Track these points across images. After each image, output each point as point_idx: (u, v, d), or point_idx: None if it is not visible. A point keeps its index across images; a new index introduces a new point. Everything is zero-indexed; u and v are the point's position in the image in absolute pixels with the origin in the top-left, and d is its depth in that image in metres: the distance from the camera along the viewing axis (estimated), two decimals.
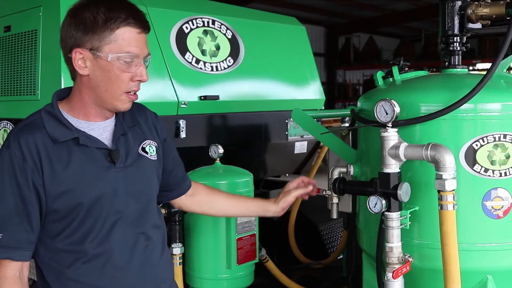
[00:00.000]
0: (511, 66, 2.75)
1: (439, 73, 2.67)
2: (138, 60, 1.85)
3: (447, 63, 2.62)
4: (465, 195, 2.23)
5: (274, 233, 4.23)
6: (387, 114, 2.16)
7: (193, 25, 3.77)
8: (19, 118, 3.47)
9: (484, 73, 2.23)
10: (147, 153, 2.01)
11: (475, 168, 2.24)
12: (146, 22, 1.87)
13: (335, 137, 2.74)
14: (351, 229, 3.33)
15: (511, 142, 2.23)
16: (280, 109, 4.21)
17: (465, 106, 2.20)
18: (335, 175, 2.57)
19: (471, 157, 2.23)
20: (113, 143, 1.92)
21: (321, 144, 4.28)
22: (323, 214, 3.88)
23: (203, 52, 3.77)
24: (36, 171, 1.81)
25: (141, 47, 1.86)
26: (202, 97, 3.68)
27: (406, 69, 2.61)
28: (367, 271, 2.68)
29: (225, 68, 3.89)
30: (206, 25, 3.85)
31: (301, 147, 4.50)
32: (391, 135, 2.18)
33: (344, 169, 2.59)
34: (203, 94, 3.69)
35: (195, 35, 3.76)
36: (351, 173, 2.57)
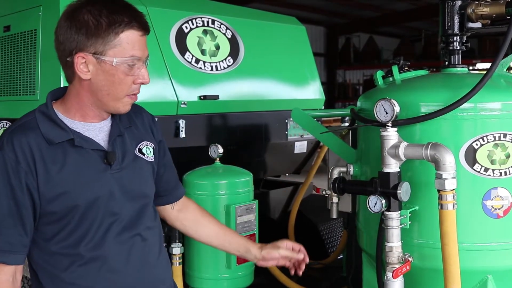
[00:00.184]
0: (511, 65, 2.74)
1: (439, 72, 2.67)
2: (140, 62, 1.83)
3: (447, 63, 2.62)
4: (465, 194, 2.23)
5: (274, 233, 4.22)
6: (387, 113, 2.16)
7: (192, 24, 3.76)
8: (18, 118, 3.46)
9: (484, 72, 2.22)
10: (144, 154, 1.98)
11: (475, 167, 2.23)
12: (147, 24, 1.85)
13: (335, 137, 2.74)
14: (351, 229, 3.33)
15: (511, 142, 2.23)
16: (280, 109, 4.20)
17: (465, 106, 2.20)
18: (335, 174, 2.57)
19: (471, 157, 2.23)
20: (109, 144, 1.88)
21: (321, 144, 4.28)
22: (323, 214, 3.88)
23: (202, 52, 3.76)
24: (30, 173, 1.77)
25: (143, 50, 1.83)
26: (202, 97, 3.68)
27: (406, 68, 2.61)
28: (367, 271, 2.68)
29: (224, 68, 3.88)
30: (205, 24, 3.84)
31: (301, 147, 4.49)
32: (391, 135, 2.18)
33: (344, 169, 2.59)
34: (202, 94, 3.69)
35: (194, 34, 3.76)
36: (351, 172, 2.57)
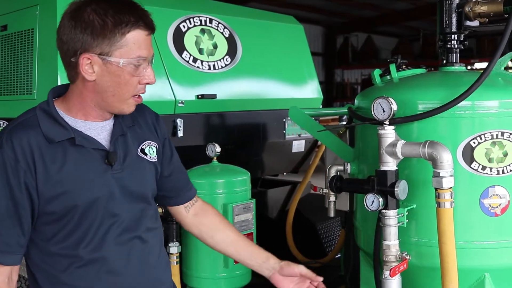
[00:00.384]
0: (508, 64, 2.74)
1: (436, 71, 2.67)
2: (145, 62, 1.79)
3: (444, 61, 2.62)
4: (462, 193, 2.22)
5: (272, 232, 4.22)
6: (384, 111, 2.15)
7: (190, 23, 3.76)
8: (18, 116, 3.45)
9: (482, 71, 2.22)
10: (146, 154, 1.95)
11: (472, 165, 2.23)
12: (153, 23, 1.81)
13: (332, 135, 2.73)
14: (348, 228, 3.32)
15: (508, 140, 2.23)
16: (277, 108, 4.20)
17: (462, 104, 2.20)
18: (332, 173, 2.56)
19: (469, 155, 2.23)
20: (111, 144, 1.85)
21: (319, 143, 4.28)
22: (321, 213, 3.88)
23: (200, 51, 3.76)
24: (29, 172, 1.74)
25: (149, 49, 1.79)
26: (199, 96, 3.67)
27: (404, 67, 2.60)
28: (364, 269, 2.68)
29: (222, 67, 3.88)
30: (203, 23, 3.84)
31: (298, 146, 4.49)
32: (388, 133, 2.17)
33: (341, 167, 2.58)
34: (200, 93, 3.68)
35: (192, 34, 3.75)
36: (348, 171, 2.57)
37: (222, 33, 3.93)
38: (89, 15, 1.71)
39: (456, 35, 2.56)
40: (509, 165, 2.24)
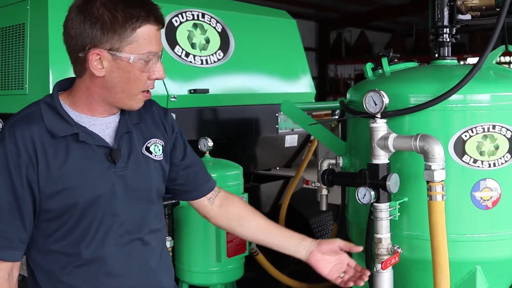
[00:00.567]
0: (502, 60, 2.74)
1: (428, 64, 2.67)
2: (155, 57, 1.75)
3: (436, 55, 2.62)
4: (454, 186, 2.23)
5: None
6: (376, 105, 2.15)
7: (182, 18, 3.75)
8: (7, 113, 3.45)
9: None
10: (151, 153, 1.88)
11: (464, 159, 2.23)
12: (163, 17, 1.75)
13: (324, 129, 2.73)
14: (341, 222, 3.32)
15: (500, 133, 2.23)
16: (270, 103, 4.20)
17: (454, 97, 2.20)
18: (324, 166, 2.55)
19: (460, 148, 2.23)
20: (115, 141, 1.79)
21: (312, 137, 4.28)
22: (313, 207, 3.88)
23: (192, 46, 3.75)
24: (31, 167, 1.69)
25: (159, 44, 1.75)
26: (192, 91, 3.67)
27: (396, 60, 2.61)
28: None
29: (215, 62, 3.87)
30: (195, 18, 3.83)
31: (291, 141, 4.49)
32: (380, 126, 2.17)
33: (333, 161, 2.58)
34: (192, 87, 3.68)
35: (184, 28, 3.74)
36: (340, 164, 2.57)
37: (214, 27, 3.92)
38: (98, 9, 1.65)
39: (448, 29, 2.56)
40: (500, 158, 2.25)
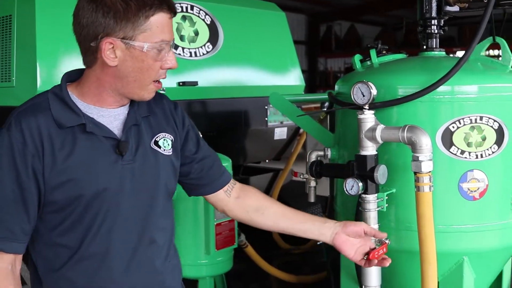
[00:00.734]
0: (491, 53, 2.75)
1: (416, 56, 2.67)
2: (167, 46, 1.72)
3: (424, 46, 2.62)
4: (441, 177, 2.23)
5: None
6: (363, 96, 2.15)
7: None
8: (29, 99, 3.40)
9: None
10: (160, 147, 1.83)
11: (451, 150, 2.24)
12: (175, 5, 1.73)
13: (313, 121, 2.73)
14: (329, 214, 3.33)
15: (487, 124, 2.24)
16: (259, 95, 4.19)
17: (442, 88, 2.20)
18: (313, 158, 2.55)
19: (448, 139, 2.24)
20: (123, 133, 1.75)
21: (301, 130, 4.28)
22: (303, 200, 3.89)
23: (181, 38, 3.73)
24: (37, 157, 1.65)
25: (171, 33, 1.71)
26: (181, 83, 3.65)
27: (384, 52, 2.60)
28: None
29: (204, 54, 3.86)
30: (184, 10, 3.81)
31: (281, 133, 4.49)
32: (368, 117, 2.17)
33: (321, 153, 2.58)
34: (181, 80, 3.67)
35: (173, 20, 3.72)
36: (329, 156, 2.57)
37: (203, 19, 3.91)
38: None
39: (436, 21, 2.56)
40: (487, 149, 2.25)
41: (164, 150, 1.84)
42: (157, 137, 1.83)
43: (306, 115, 2.69)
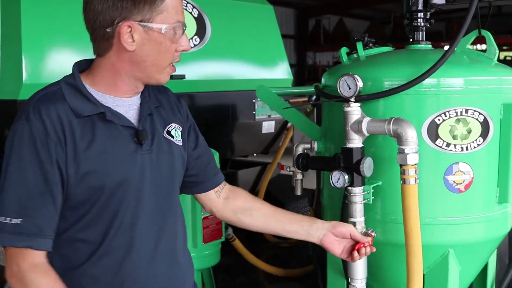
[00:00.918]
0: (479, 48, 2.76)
1: (403, 49, 2.67)
2: (181, 29, 1.69)
3: (411, 39, 2.63)
4: (427, 169, 2.24)
5: None
6: (350, 88, 2.15)
7: None
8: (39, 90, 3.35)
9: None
10: (173, 137, 1.82)
11: (437, 142, 2.25)
12: None
13: (299, 114, 2.73)
14: (317, 207, 3.34)
15: (472, 117, 2.25)
16: (247, 89, 4.18)
17: (428, 81, 2.21)
18: (299, 151, 2.55)
19: (434, 132, 2.24)
20: (140, 122, 1.73)
21: (289, 124, 4.28)
22: (290, 194, 3.90)
23: None
24: (60, 146, 1.59)
25: (183, 14, 1.71)
26: None
27: (371, 45, 2.61)
28: None
29: (191, 47, 3.84)
30: None
31: (268, 127, 4.49)
32: (354, 110, 2.17)
33: (308, 145, 2.58)
34: None
35: None
36: (315, 149, 2.56)
37: (191, 12, 3.89)
38: None
39: (422, 13, 2.57)
40: (473, 142, 2.26)
41: (177, 140, 1.84)
42: (169, 127, 1.82)
43: (292, 107, 2.69)
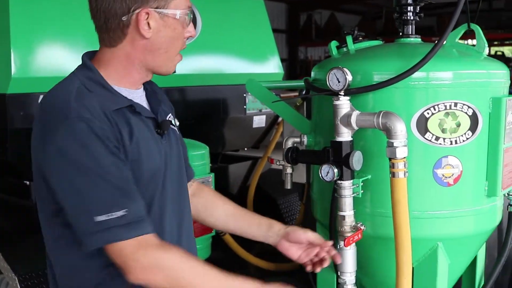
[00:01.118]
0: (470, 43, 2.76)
1: (392, 42, 2.67)
2: (190, 14, 1.72)
3: (400, 33, 2.63)
4: (416, 163, 2.24)
5: None
6: (339, 82, 2.15)
7: None
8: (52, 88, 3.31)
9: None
10: (174, 126, 1.87)
11: (426, 136, 2.25)
12: None
13: (289, 107, 2.72)
14: (307, 201, 3.34)
15: (461, 110, 2.25)
16: (237, 83, 4.17)
17: (417, 75, 2.21)
18: (289, 145, 2.55)
19: (423, 125, 2.24)
20: (158, 113, 1.76)
21: (280, 119, 4.27)
22: (281, 188, 3.90)
23: None
24: (114, 136, 1.58)
25: (189, 1, 1.73)
26: None
27: (360, 38, 2.60)
28: None
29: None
30: None
31: (259, 121, 4.48)
32: (343, 103, 2.17)
33: (298, 139, 2.57)
34: None
35: None
36: (305, 143, 2.56)
37: None
38: None
39: (412, 7, 2.56)
40: (462, 135, 2.26)
41: (176, 129, 1.89)
42: (169, 116, 1.86)
43: (282, 101, 2.68)
